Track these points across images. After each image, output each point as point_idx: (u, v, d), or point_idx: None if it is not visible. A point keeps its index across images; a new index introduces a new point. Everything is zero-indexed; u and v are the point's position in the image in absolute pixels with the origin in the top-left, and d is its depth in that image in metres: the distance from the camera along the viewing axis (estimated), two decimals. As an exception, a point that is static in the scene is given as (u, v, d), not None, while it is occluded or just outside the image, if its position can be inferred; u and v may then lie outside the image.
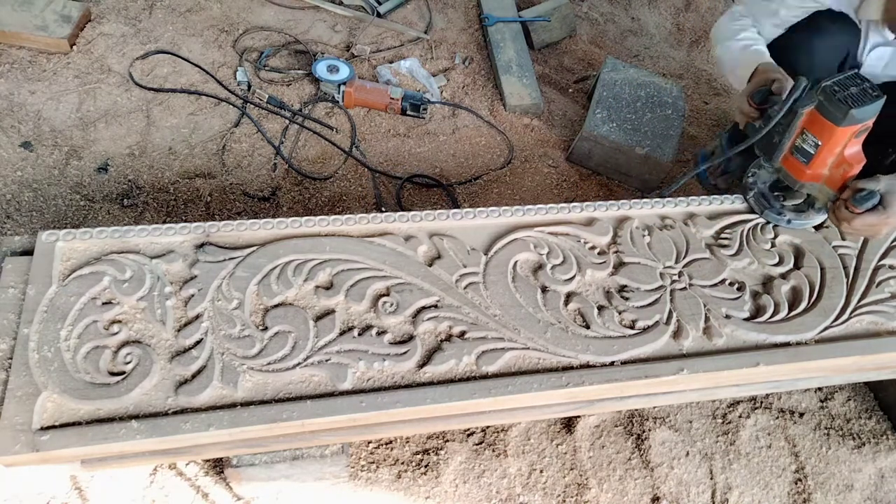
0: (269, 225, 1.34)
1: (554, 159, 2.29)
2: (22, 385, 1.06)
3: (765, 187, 1.55)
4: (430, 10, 2.69)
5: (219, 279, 1.23)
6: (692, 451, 1.65)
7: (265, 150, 2.10)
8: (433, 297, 1.29)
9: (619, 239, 1.46)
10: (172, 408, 1.09)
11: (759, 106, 1.52)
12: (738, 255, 1.47)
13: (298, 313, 1.22)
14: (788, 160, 1.45)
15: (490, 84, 2.47)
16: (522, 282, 1.35)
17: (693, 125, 2.52)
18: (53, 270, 1.19)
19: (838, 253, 1.51)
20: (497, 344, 1.25)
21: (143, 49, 2.26)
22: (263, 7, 2.52)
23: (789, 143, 1.42)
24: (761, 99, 1.51)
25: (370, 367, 1.19)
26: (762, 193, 1.54)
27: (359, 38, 2.52)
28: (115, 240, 1.26)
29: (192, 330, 1.16)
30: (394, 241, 1.36)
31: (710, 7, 3.07)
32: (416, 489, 1.49)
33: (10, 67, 2.10)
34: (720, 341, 1.33)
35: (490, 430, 1.61)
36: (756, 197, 1.54)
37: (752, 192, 1.55)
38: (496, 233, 1.43)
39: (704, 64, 2.79)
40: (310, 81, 2.31)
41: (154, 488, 1.41)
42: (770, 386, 1.47)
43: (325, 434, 1.20)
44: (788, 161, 1.45)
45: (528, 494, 1.53)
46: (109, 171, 1.94)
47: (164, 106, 2.13)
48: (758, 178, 1.56)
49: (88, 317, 1.14)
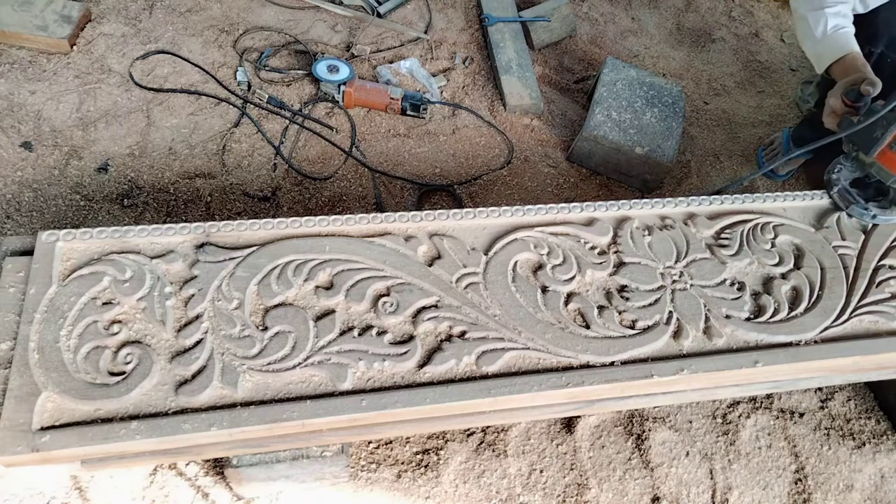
0: (269, 225, 1.34)
1: (554, 159, 2.29)
2: (22, 385, 1.06)
3: (846, 184, 1.59)
4: (430, 10, 2.69)
5: (219, 279, 1.23)
6: (692, 451, 1.65)
7: (265, 150, 2.09)
8: (433, 297, 1.29)
9: (620, 239, 1.46)
10: (172, 408, 1.09)
11: (853, 103, 1.56)
12: (738, 255, 1.47)
13: (298, 313, 1.22)
14: (886, 155, 1.49)
15: (490, 84, 2.47)
16: (522, 282, 1.35)
17: (693, 125, 2.52)
18: (53, 270, 1.19)
19: (838, 253, 1.51)
20: (497, 344, 1.25)
21: (144, 49, 2.26)
22: (263, 7, 2.52)
23: (890, 137, 1.46)
24: (855, 97, 1.56)
25: (370, 367, 1.19)
26: (846, 189, 1.58)
27: (359, 38, 2.52)
28: (115, 240, 1.26)
29: (193, 330, 1.16)
30: (394, 241, 1.36)
31: (711, 7, 3.07)
32: (416, 489, 1.49)
33: (11, 67, 2.10)
34: (720, 341, 1.33)
35: (490, 430, 1.61)
36: (841, 192, 1.58)
37: (836, 187, 1.58)
38: (496, 233, 1.43)
39: (705, 64, 2.79)
40: (310, 81, 2.31)
41: (154, 488, 1.41)
42: (770, 386, 1.47)
43: (326, 434, 1.20)
44: (886, 156, 1.49)
45: (528, 494, 1.53)
46: (109, 172, 1.94)
47: (164, 106, 2.13)
48: (841, 174, 1.60)
49: (88, 317, 1.14)
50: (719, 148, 2.46)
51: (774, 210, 1.60)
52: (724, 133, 2.53)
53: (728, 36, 2.95)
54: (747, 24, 3.04)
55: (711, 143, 2.47)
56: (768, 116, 2.63)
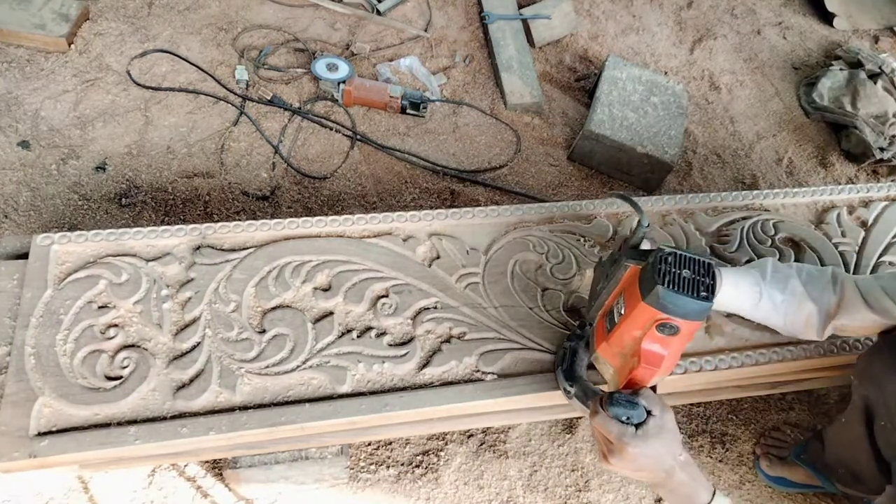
0: (266, 226, 1.33)
1: (555, 158, 2.27)
2: (18, 390, 1.05)
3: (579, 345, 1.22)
4: (430, 8, 2.68)
5: (216, 282, 1.22)
6: (692, 451, 1.64)
7: (264, 149, 2.08)
8: (433, 297, 1.28)
9: (619, 237, 1.45)
10: (170, 412, 1.08)
11: None
12: (738, 252, 1.46)
13: (297, 315, 1.21)
14: (600, 322, 1.12)
15: (491, 82, 2.45)
16: (522, 282, 1.34)
17: (695, 124, 2.50)
18: (49, 274, 1.18)
19: (839, 250, 1.50)
20: (497, 345, 1.24)
21: (142, 47, 2.25)
22: (262, 5, 2.51)
23: (608, 299, 1.10)
24: None
25: (370, 369, 1.18)
26: (575, 350, 1.21)
27: (358, 36, 2.50)
28: (111, 242, 1.25)
29: (190, 333, 1.16)
30: (393, 241, 1.35)
31: (713, 4, 3.05)
32: (416, 491, 1.49)
33: (8, 66, 2.09)
34: (721, 340, 1.32)
35: (490, 431, 1.60)
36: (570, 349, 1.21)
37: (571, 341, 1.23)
38: (496, 232, 1.42)
39: (706, 62, 2.78)
40: (309, 80, 2.29)
41: (153, 489, 1.40)
42: (771, 386, 1.46)
43: (325, 436, 1.20)
44: (600, 323, 1.12)
45: (529, 496, 1.52)
46: (107, 171, 1.93)
47: (162, 105, 2.12)
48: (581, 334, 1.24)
49: (85, 321, 1.14)
50: (721, 146, 2.45)
51: (774, 207, 1.59)
52: (726, 131, 2.51)
53: (730, 34, 2.93)
54: (749, 21, 3.02)
55: (713, 141, 2.46)
56: (771, 115, 2.62)
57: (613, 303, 1.07)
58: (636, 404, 0.95)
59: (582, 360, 1.19)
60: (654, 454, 0.93)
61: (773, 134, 2.54)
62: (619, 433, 0.93)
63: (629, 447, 0.92)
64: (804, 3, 3.19)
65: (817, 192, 1.63)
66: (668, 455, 0.95)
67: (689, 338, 0.98)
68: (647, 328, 0.96)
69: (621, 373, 1.04)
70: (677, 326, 0.94)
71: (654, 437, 0.93)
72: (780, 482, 1.58)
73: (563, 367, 1.19)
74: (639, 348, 0.98)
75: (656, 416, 0.95)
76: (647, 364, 0.97)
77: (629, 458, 0.93)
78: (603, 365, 1.10)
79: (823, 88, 2.60)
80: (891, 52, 2.90)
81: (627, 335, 1.00)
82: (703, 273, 0.95)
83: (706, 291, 0.94)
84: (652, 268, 0.96)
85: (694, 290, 0.93)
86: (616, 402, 0.95)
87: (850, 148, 2.48)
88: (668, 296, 0.93)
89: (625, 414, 0.94)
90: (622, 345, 1.02)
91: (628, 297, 1.01)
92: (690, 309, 0.93)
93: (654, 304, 0.94)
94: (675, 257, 0.96)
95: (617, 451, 0.94)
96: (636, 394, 0.98)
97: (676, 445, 0.96)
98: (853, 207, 1.62)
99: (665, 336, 0.96)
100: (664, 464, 0.94)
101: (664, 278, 0.93)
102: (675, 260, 0.95)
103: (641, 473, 0.97)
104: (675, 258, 0.95)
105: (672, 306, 0.93)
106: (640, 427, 0.94)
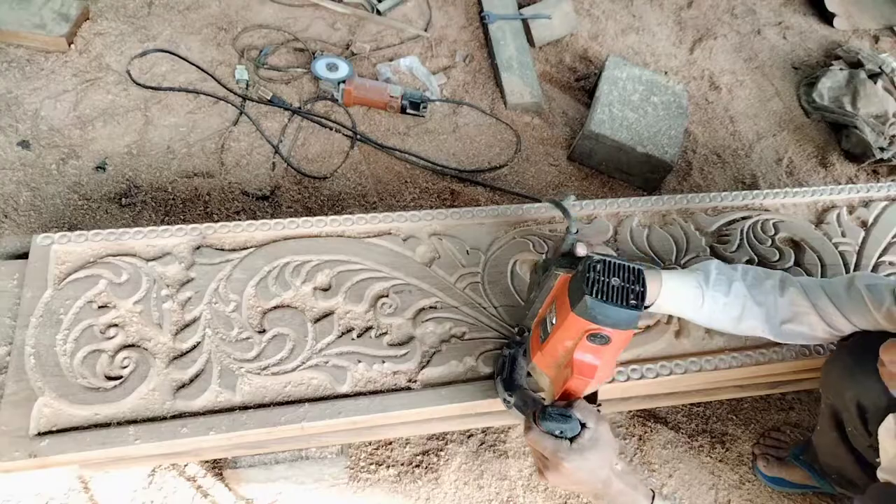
0: (266, 226, 1.33)
1: (555, 158, 2.27)
2: (18, 390, 1.05)
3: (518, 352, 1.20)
4: (430, 8, 2.68)
5: (216, 281, 1.22)
6: (692, 451, 1.64)
7: (264, 148, 2.08)
8: (433, 297, 1.28)
9: (619, 237, 1.45)
10: (170, 412, 1.08)
11: None
12: (738, 251, 1.46)
13: (297, 315, 1.21)
14: (535, 331, 1.09)
15: (490, 82, 2.45)
16: (522, 281, 1.34)
17: (695, 123, 2.50)
18: (48, 274, 1.18)
19: (839, 250, 1.50)
20: (497, 345, 1.24)
21: (142, 47, 2.24)
22: (262, 5, 2.51)
23: (542, 307, 1.11)
24: None
25: (370, 368, 1.18)
26: (514, 357, 1.19)
27: (358, 35, 2.50)
28: (111, 242, 1.25)
29: (190, 333, 1.16)
30: (393, 241, 1.35)
31: (713, 4, 3.05)
32: (416, 491, 1.49)
33: (8, 66, 2.09)
34: (721, 340, 1.32)
35: (490, 431, 1.60)
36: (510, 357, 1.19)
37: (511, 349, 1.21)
38: (496, 232, 1.42)
39: (706, 62, 2.78)
40: (309, 80, 2.29)
41: (153, 489, 1.40)
42: (771, 386, 1.46)
43: (325, 436, 1.20)
44: (535, 332, 1.09)
45: (529, 496, 1.52)
46: (108, 171, 1.93)
47: (162, 105, 2.12)
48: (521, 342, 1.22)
49: (85, 321, 1.14)
50: (721, 146, 2.45)
51: (775, 207, 1.59)
52: (726, 131, 2.51)
53: (730, 33, 2.93)
54: (749, 21, 3.02)
55: (713, 141, 2.46)
56: (771, 115, 2.62)
57: (546, 312, 1.05)
58: (569, 417, 0.93)
59: (522, 368, 1.17)
60: (589, 467, 0.92)
61: (773, 134, 2.54)
62: (554, 448, 0.91)
63: (564, 462, 0.90)
64: (804, 2, 3.19)
65: (817, 192, 1.63)
66: (605, 466, 0.93)
67: (622, 346, 0.97)
68: (579, 338, 0.94)
69: (556, 383, 1.01)
70: (608, 336, 0.92)
71: (588, 450, 0.91)
72: (777, 482, 1.58)
73: (503, 375, 1.17)
74: (572, 359, 0.95)
75: (591, 429, 0.93)
76: (580, 375, 0.95)
77: (565, 473, 0.91)
78: (539, 375, 1.06)
79: (823, 88, 2.60)
80: (891, 52, 2.89)
81: (560, 345, 0.98)
82: (633, 280, 0.94)
83: (636, 299, 0.92)
84: (581, 277, 0.94)
85: (623, 299, 0.92)
86: (549, 416, 0.93)
87: (850, 148, 2.48)
88: (597, 306, 0.91)
89: (558, 428, 0.92)
90: (556, 355, 0.99)
91: (559, 307, 0.99)
92: (620, 318, 0.91)
93: (583, 315, 0.92)
94: (605, 265, 0.94)
95: (552, 467, 0.92)
96: (570, 405, 0.95)
97: (612, 456, 0.95)
98: (853, 207, 1.62)
99: (597, 346, 0.94)
100: (601, 476, 0.93)
101: (592, 287, 0.92)
102: (603, 268, 0.94)
103: (579, 487, 0.96)
104: (603, 266, 0.94)
105: (601, 316, 0.91)
106: (574, 440, 0.92)
